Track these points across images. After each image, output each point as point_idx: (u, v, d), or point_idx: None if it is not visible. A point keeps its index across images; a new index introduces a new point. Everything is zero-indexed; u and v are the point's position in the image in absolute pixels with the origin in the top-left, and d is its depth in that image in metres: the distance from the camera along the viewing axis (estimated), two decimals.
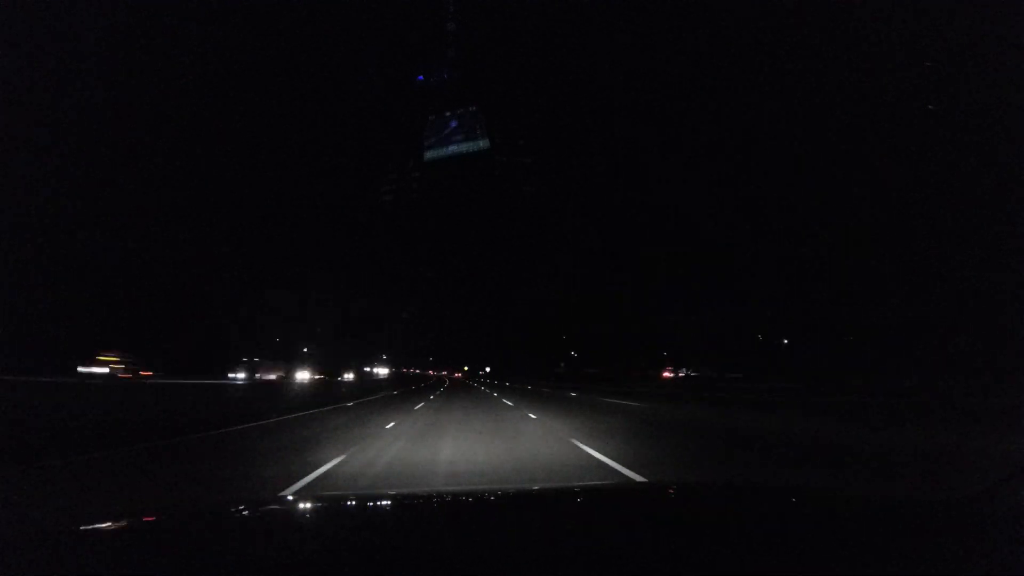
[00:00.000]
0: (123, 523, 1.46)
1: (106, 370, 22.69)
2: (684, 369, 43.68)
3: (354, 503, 1.98)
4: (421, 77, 21.34)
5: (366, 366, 58.33)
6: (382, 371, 60.00)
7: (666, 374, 44.77)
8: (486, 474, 4.87)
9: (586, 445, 6.55)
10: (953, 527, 1.16)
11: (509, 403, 15.76)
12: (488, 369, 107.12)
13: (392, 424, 9.62)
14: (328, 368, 45.23)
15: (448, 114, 19.36)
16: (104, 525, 1.41)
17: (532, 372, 66.96)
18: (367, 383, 40.95)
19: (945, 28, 11.99)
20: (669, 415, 11.96)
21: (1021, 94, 10.91)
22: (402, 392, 27.26)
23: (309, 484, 4.45)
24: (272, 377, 32.73)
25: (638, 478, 4.60)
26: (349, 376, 47.67)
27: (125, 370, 23.49)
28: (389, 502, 2.02)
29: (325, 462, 5.41)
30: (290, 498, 3.30)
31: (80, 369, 22.26)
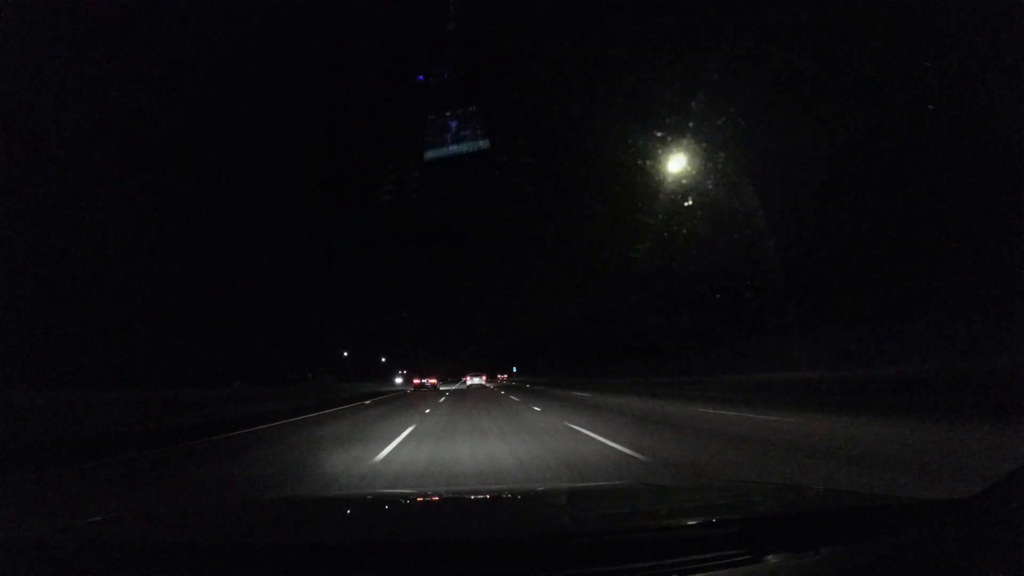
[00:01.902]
0: (122, 522, 1.47)
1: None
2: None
3: (354, 503, 1.98)
4: (421, 77, 21.36)
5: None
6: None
7: None
8: None
9: None
10: (953, 527, 1.17)
11: None
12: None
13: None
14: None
15: (448, 114, 19.35)
16: (103, 524, 1.42)
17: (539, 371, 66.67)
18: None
19: (945, 28, 12.01)
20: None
21: (1021, 94, 10.94)
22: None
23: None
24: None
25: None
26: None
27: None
28: (389, 502, 2.03)
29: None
30: (291, 498, 3.30)
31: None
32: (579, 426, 8.74)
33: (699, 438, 7.18)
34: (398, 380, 57.95)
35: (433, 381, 56.65)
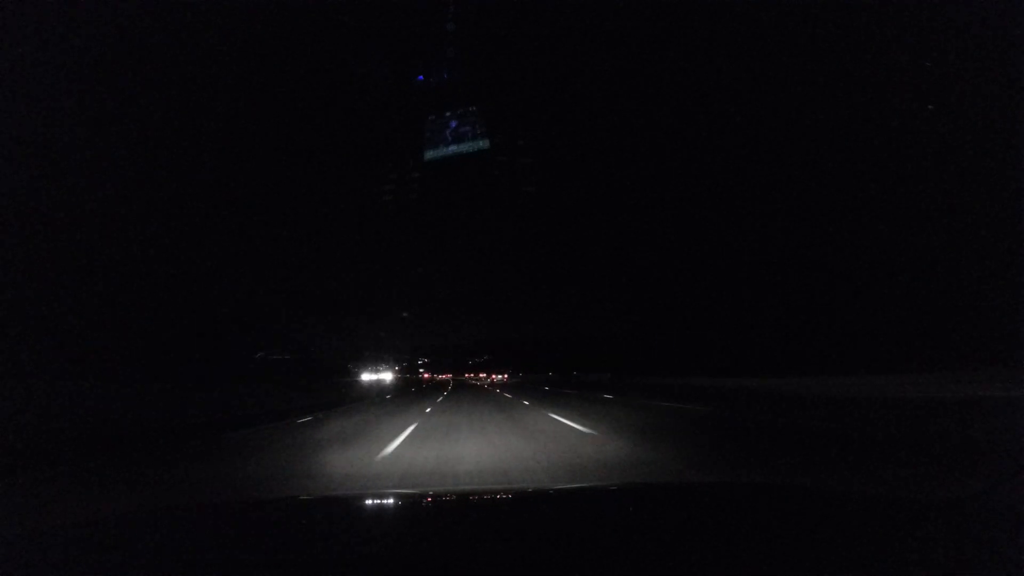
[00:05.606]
0: (121, 522, 1.46)
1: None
2: None
3: (354, 503, 1.98)
4: (421, 77, 21.30)
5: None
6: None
7: None
8: None
9: None
10: (953, 527, 1.16)
11: None
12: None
13: None
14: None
15: (448, 114, 19.29)
16: (101, 524, 1.42)
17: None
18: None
19: (945, 28, 12.00)
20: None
21: (1021, 94, 10.93)
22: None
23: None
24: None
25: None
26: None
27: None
28: (389, 502, 2.03)
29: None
30: (291, 497, 3.30)
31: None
32: None
33: None
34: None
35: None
